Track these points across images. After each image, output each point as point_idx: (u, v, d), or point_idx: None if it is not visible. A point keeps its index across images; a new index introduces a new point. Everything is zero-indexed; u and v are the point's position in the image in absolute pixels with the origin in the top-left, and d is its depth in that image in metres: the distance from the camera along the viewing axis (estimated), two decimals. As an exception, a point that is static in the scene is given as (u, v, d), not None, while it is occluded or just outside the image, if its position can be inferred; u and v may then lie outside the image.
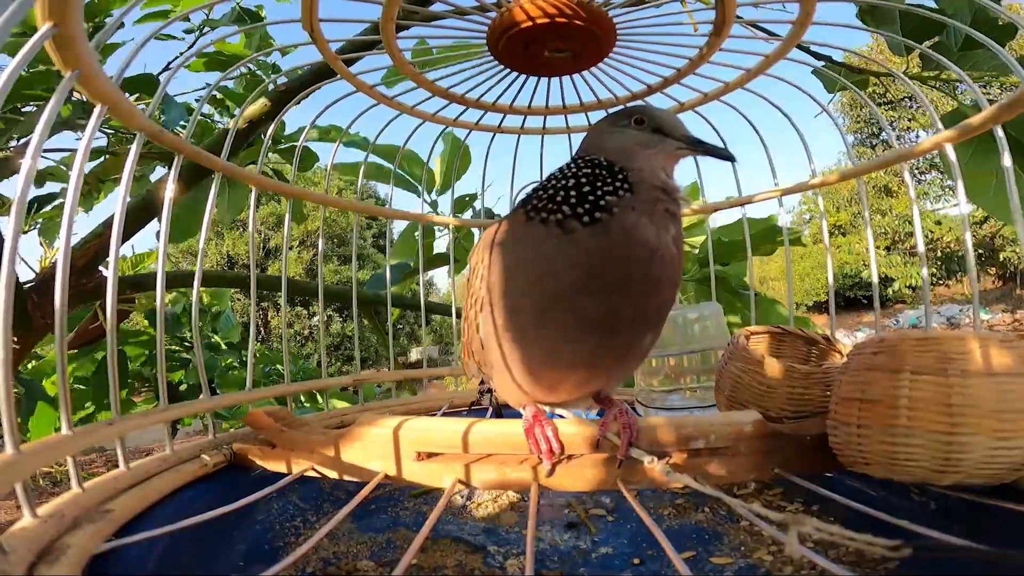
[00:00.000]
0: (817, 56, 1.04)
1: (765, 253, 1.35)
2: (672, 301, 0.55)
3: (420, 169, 1.46)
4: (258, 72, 1.56)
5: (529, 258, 0.53)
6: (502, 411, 0.81)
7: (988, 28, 0.88)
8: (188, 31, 1.47)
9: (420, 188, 1.33)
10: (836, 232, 16.29)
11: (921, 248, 0.75)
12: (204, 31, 1.42)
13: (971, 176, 0.86)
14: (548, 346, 0.52)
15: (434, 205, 1.50)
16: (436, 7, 0.92)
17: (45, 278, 1.26)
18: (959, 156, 0.71)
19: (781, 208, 1.03)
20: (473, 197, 1.59)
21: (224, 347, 1.91)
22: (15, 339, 1.15)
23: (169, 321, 1.81)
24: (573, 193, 0.53)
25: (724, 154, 0.57)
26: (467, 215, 1.53)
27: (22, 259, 1.52)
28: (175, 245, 1.71)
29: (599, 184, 0.53)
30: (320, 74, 1.16)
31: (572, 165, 0.56)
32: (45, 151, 1.60)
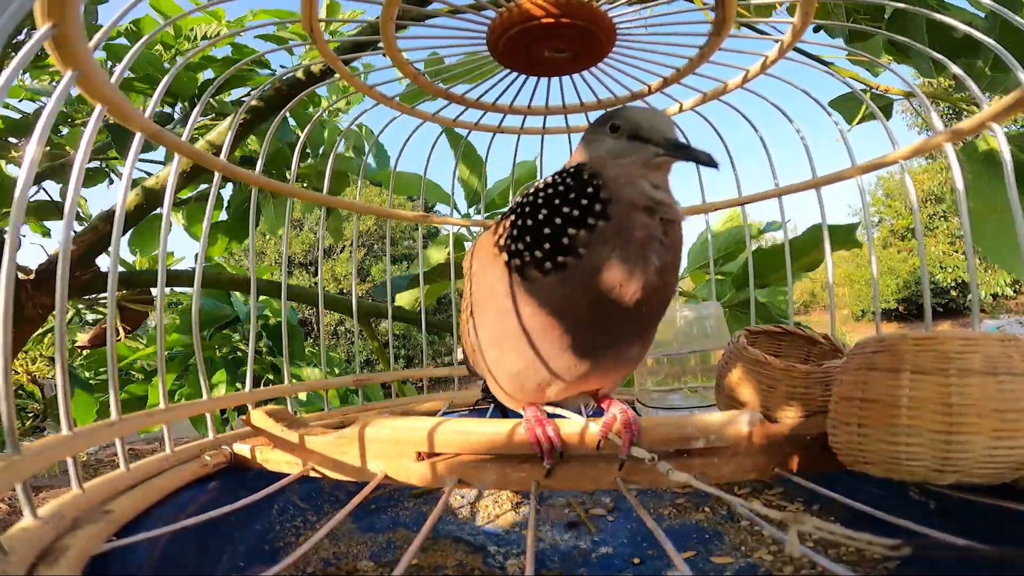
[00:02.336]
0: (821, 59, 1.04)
1: (811, 267, 1.21)
2: (659, 319, 0.55)
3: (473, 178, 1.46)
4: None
5: (497, 293, 0.51)
6: (507, 412, 0.81)
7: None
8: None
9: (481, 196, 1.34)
10: (909, 235, 15.56)
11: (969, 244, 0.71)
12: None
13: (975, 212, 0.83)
14: (524, 363, 0.53)
15: (468, 217, 1.48)
16: (435, 7, 0.92)
17: (40, 270, 1.26)
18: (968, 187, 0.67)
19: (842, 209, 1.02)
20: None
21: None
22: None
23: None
24: (530, 225, 0.49)
25: (707, 160, 0.51)
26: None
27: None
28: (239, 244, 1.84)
29: (566, 212, 0.48)
30: (318, 74, 1.16)
31: (544, 185, 0.52)
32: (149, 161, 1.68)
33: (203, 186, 1.73)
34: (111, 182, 1.83)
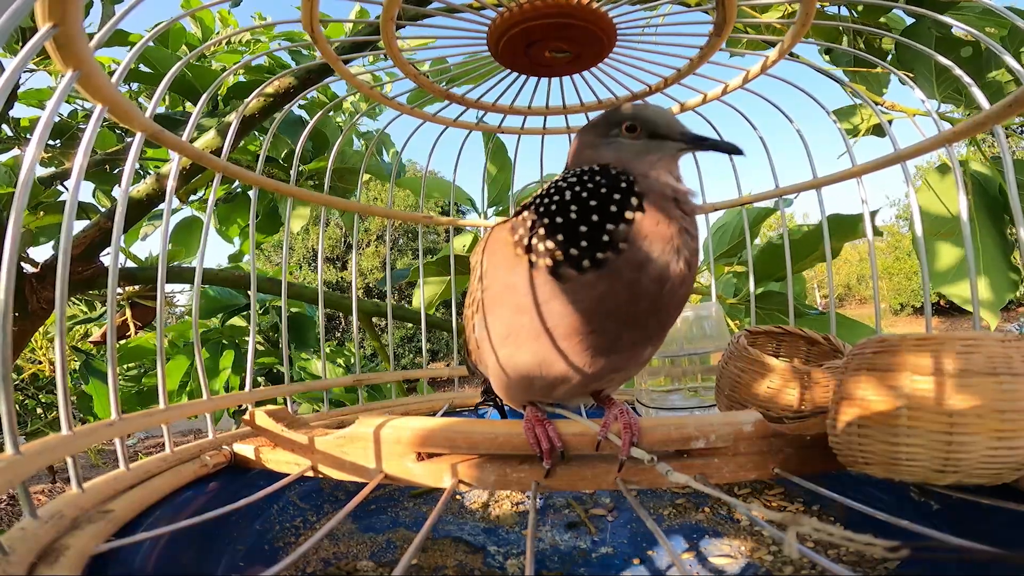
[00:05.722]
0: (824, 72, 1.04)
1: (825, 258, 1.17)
2: (680, 312, 0.54)
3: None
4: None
5: (517, 291, 0.50)
6: (505, 411, 0.81)
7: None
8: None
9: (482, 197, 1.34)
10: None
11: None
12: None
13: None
14: (539, 359, 0.52)
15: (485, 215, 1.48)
16: (435, 7, 0.92)
17: (46, 265, 1.27)
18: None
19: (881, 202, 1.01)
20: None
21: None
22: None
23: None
24: (561, 223, 0.47)
25: (728, 147, 0.52)
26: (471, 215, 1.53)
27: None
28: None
29: (602, 208, 0.47)
30: (318, 73, 1.16)
31: (569, 184, 0.51)
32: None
33: (237, 189, 1.79)
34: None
